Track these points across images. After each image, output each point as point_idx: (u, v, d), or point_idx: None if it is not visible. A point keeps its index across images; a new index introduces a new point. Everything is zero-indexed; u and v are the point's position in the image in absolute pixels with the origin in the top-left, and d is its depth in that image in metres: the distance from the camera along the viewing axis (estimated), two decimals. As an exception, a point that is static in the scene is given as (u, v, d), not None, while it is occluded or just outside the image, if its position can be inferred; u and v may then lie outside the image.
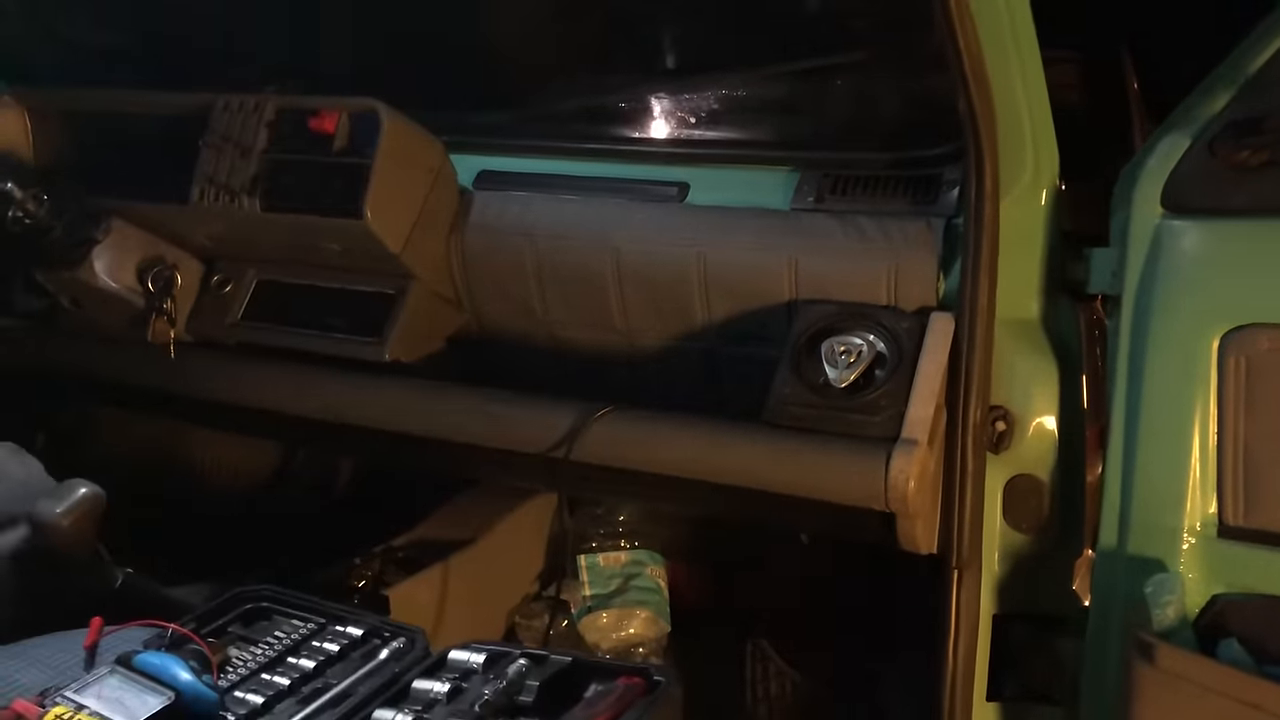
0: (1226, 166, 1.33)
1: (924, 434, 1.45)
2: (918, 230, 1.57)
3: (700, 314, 1.72)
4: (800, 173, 1.73)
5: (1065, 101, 1.84)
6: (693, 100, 1.94)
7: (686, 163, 1.86)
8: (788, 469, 1.52)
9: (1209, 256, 1.35)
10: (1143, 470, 1.36)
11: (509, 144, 1.98)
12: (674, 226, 1.72)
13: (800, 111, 1.95)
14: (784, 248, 1.63)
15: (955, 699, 1.52)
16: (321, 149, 1.75)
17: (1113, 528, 1.38)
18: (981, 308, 1.47)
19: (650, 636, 2.14)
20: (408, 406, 1.75)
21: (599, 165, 1.89)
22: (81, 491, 1.52)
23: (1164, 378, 1.35)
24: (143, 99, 1.94)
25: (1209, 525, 1.33)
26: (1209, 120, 1.35)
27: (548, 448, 1.64)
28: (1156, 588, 1.30)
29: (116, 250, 1.89)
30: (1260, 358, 1.30)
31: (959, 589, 1.52)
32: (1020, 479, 1.52)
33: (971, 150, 1.43)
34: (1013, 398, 1.51)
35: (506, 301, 1.87)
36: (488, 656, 1.05)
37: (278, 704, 1.03)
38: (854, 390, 1.52)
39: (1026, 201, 1.49)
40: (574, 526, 2.19)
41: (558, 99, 2.03)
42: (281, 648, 1.10)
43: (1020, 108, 1.44)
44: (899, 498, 1.43)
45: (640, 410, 1.65)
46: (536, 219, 1.81)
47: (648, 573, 2.18)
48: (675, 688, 0.99)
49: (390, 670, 1.06)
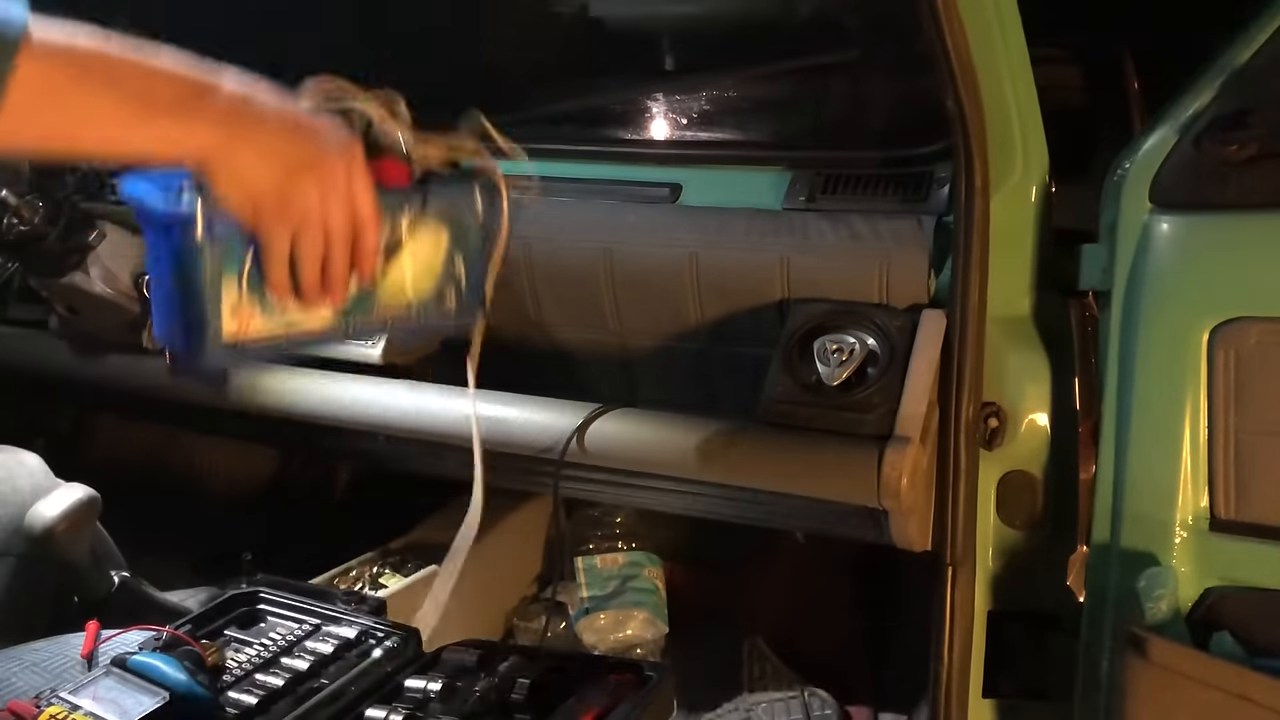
0: (1213, 161, 1.33)
1: (916, 431, 1.45)
2: (908, 228, 1.57)
3: (693, 314, 1.73)
4: (792, 172, 1.73)
5: (1065, 101, 1.86)
6: (684, 101, 1.95)
7: (679, 164, 1.86)
8: (781, 467, 1.52)
9: (1197, 251, 1.35)
10: (1135, 465, 1.36)
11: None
12: (666, 227, 1.73)
13: (792, 112, 1.96)
14: (775, 247, 1.64)
15: (951, 696, 1.52)
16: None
17: (1105, 522, 1.39)
18: (973, 305, 1.47)
19: (648, 637, 2.14)
20: (402, 409, 1.75)
21: (591, 167, 1.89)
22: (78, 495, 1.53)
23: (1155, 372, 1.36)
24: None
25: (1201, 519, 1.33)
26: (1196, 116, 1.36)
27: (541, 449, 1.64)
28: (1149, 582, 1.31)
29: (111, 256, 1.89)
30: (1250, 351, 1.31)
31: (953, 586, 1.52)
32: (1013, 475, 1.53)
33: (961, 148, 1.43)
34: (1005, 394, 1.52)
35: (499, 303, 1.86)
36: (480, 655, 1.06)
37: (272, 704, 1.03)
38: (846, 388, 1.52)
39: (1017, 198, 1.49)
40: (571, 529, 2.20)
41: (550, 101, 2.03)
42: (276, 649, 1.11)
43: (1009, 105, 1.44)
44: (892, 495, 1.43)
45: (633, 410, 1.65)
46: (529, 221, 1.81)
47: (645, 574, 2.18)
48: (666, 682, 0.99)
49: (383, 670, 1.07)
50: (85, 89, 0.81)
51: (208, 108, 0.87)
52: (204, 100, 0.87)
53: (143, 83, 0.84)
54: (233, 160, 0.88)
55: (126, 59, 0.83)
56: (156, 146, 0.87)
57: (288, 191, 0.90)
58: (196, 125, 0.87)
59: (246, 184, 0.89)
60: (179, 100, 0.86)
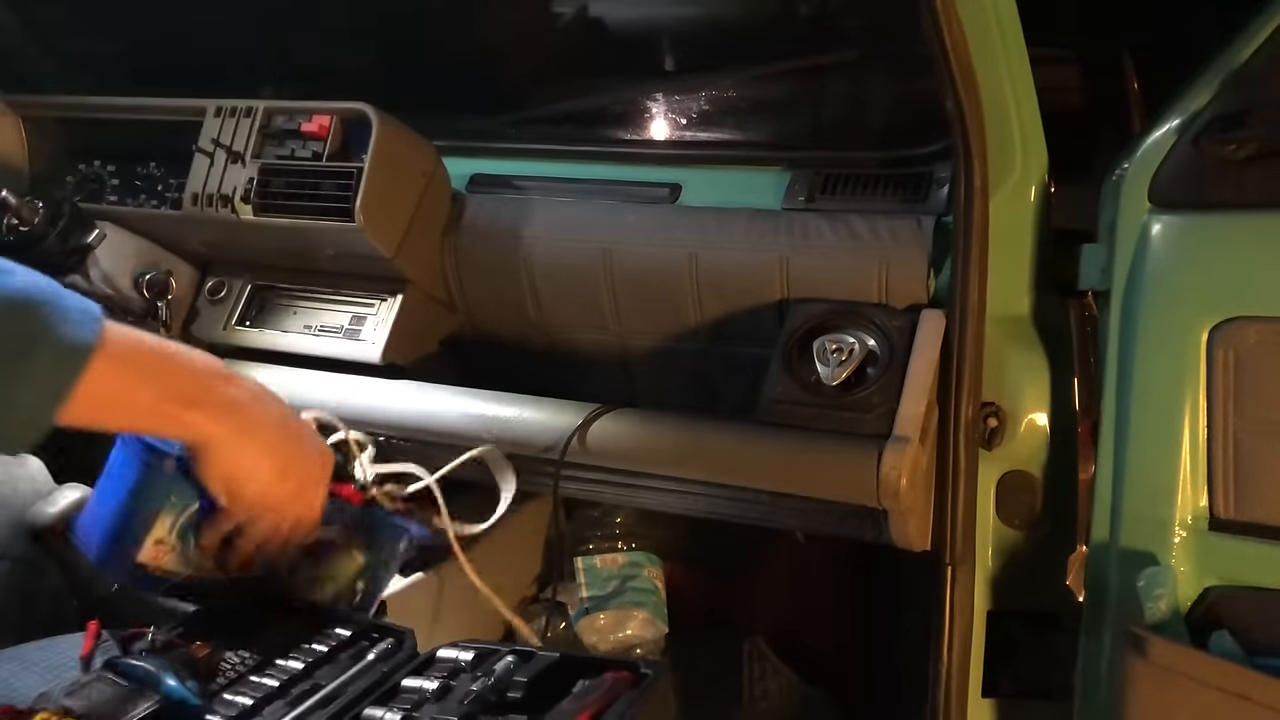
0: (1212, 161, 1.33)
1: (916, 431, 1.45)
2: (908, 228, 1.58)
3: (692, 314, 1.73)
4: (792, 172, 1.74)
5: (1065, 101, 1.86)
6: (684, 101, 1.95)
7: (678, 164, 1.86)
8: (780, 467, 1.52)
9: (1196, 250, 1.35)
10: (1134, 464, 1.36)
11: (501, 147, 1.99)
12: (666, 227, 1.73)
13: (791, 112, 1.96)
14: (775, 247, 1.64)
15: (950, 696, 1.52)
16: (313, 153, 1.76)
17: (1105, 522, 1.39)
18: (972, 304, 1.47)
19: (648, 637, 2.14)
20: (401, 409, 1.75)
21: (591, 167, 1.90)
22: (77, 496, 1.53)
23: (1154, 372, 1.36)
24: (136, 105, 1.95)
25: (1200, 518, 1.33)
26: (1195, 115, 1.36)
27: (542, 449, 1.64)
28: (1148, 581, 1.30)
29: (111, 257, 1.90)
30: (1249, 350, 1.30)
31: (952, 586, 1.52)
32: (1012, 475, 1.53)
33: (960, 148, 1.43)
34: (1004, 394, 1.52)
35: (500, 304, 1.87)
36: (476, 654, 1.05)
37: (267, 705, 1.03)
38: (846, 388, 1.52)
39: (1016, 198, 1.49)
40: (571, 529, 2.20)
41: (550, 102, 2.03)
42: (270, 650, 1.11)
43: (1008, 105, 1.44)
44: (891, 494, 1.43)
45: (633, 410, 1.65)
46: (529, 221, 1.81)
47: (645, 574, 2.18)
48: (663, 680, 0.99)
49: (379, 670, 1.07)
50: (135, 383, 0.98)
51: (225, 403, 1.05)
52: (222, 396, 1.05)
53: (176, 378, 1.02)
54: (233, 449, 1.04)
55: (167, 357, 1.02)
56: (174, 428, 1.04)
57: (270, 487, 1.07)
58: (213, 415, 1.03)
59: (238, 470, 1.05)
60: (201, 395, 1.03)
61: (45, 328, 0.91)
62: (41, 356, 0.91)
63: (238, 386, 1.07)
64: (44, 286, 0.92)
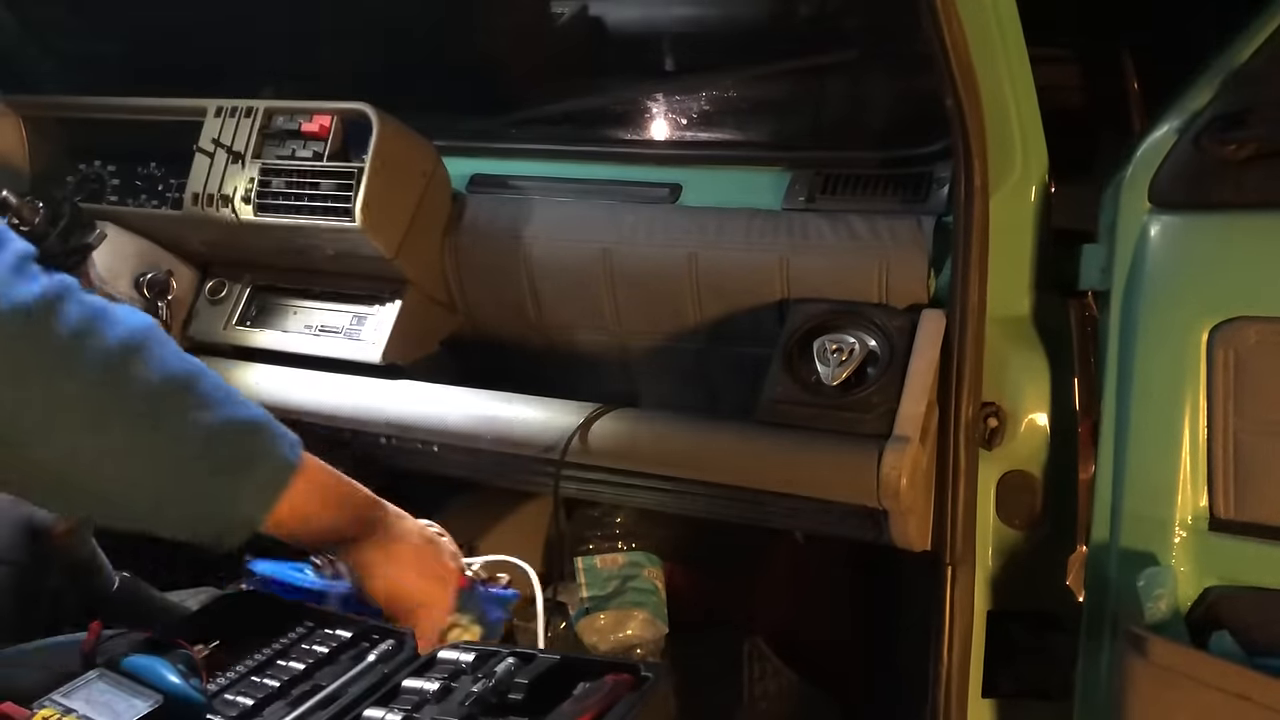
0: (1213, 160, 1.33)
1: (916, 431, 1.45)
2: (908, 228, 1.58)
3: (693, 314, 1.73)
4: (792, 173, 1.74)
5: (1065, 101, 1.86)
6: (684, 102, 1.95)
7: (678, 164, 1.86)
8: (780, 467, 1.52)
9: (1196, 250, 1.35)
10: (1134, 464, 1.36)
11: (501, 147, 1.99)
12: (666, 228, 1.73)
13: (791, 112, 1.96)
14: (775, 247, 1.64)
15: (950, 696, 1.52)
16: (314, 153, 1.76)
17: (1105, 522, 1.39)
18: (972, 305, 1.47)
19: (648, 638, 2.14)
20: (402, 409, 1.75)
21: (591, 167, 1.90)
22: (77, 496, 1.53)
23: (1154, 372, 1.36)
24: (136, 105, 1.95)
25: (1200, 518, 1.33)
26: (1195, 115, 1.36)
27: (542, 449, 1.64)
28: (1148, 581, 1.30)
29: (112, 257, 1.90)
30: (1249, 350, 1.30)
31: (953, 586, 1.52)
32: (1013, 475, 1.53)
33: (960, 148, 1.43)
34: (1004, 394, 1.52)
35: (500, 304, 1.87)
36: (476, 656, 1.05)
37: (268, 706, 1.03)
38: (846, 388, 1.52)
39: (1016, 198, 1.49)
40: (571, 529, 2.20)
41: (550, 102, 2.03)
42: (272, 650, 1.10)
43: (1008, 104, 1.44)
44: (891, 494, 1.43)
45: (633, 410, 1.65)
46: (529, 222, 1.81)
47: (645, 574, 2.18)
48: (664, 682, 0.99)
49: (380, 671, 1.06)
50: (319, 501, 1.13)
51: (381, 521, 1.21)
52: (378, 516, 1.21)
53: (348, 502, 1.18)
54: (386, 560, 1.20)
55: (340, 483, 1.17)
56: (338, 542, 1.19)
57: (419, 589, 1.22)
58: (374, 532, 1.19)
59: (391, 578, 1.20)
60: (364, 516, 1.19)
61: (267, 447, 1.08)
62: (262, 469, 1.07)
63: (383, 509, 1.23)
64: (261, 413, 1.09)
